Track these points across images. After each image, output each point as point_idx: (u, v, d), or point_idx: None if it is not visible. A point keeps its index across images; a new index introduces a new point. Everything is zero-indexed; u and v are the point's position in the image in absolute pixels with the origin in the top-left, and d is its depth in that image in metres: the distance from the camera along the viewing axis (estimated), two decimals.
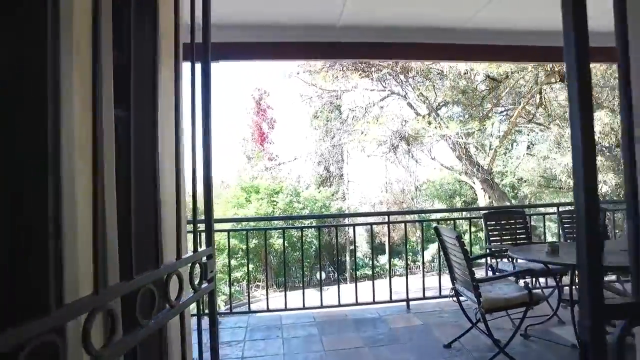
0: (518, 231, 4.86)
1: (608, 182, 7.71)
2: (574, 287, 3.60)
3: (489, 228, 4.82)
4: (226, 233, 6.64)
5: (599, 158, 8.09)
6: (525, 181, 21.02)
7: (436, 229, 3.82)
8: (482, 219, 5.09)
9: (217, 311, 5.03)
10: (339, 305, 5.20)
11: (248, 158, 26.76)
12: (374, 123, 9.13)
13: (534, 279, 4.48)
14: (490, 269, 4.49)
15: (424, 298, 5.35)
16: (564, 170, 8.33)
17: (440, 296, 5.33)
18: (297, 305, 5.19)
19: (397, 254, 27.23)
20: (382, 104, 11.25)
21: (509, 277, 4.23)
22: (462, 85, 11.17)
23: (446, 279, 5.60)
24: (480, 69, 9.13)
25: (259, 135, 32.09)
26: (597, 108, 8.30)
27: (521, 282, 4.16)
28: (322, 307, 5.16)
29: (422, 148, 15.98)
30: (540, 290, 4.66)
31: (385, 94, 11.88)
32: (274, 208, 20.60)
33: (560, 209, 5.28)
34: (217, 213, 22.59)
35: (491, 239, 4.77)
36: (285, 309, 5.20)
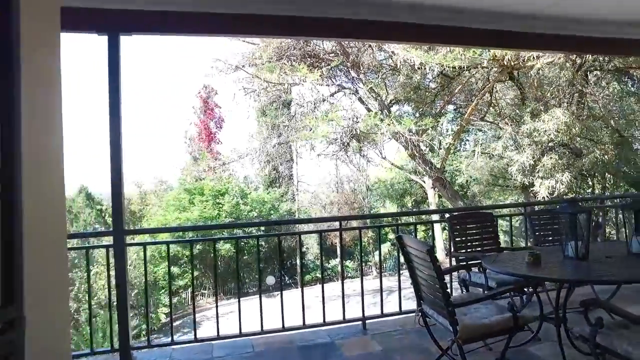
0: (485, 236, 4.30)
1: (564, 180, 7.48)
2: (560, 302, 3.02)
3: (455, 233, 4.21)
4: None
5: (553, 156, 7.87)
6: (474, 180, 21.30)
7: (399, 238, 3.12)
8: (446, 223, 4.48)
9: (131, 345, 4.02)
10: (283, 330, 4.39)
11: (194, 158, 25.28)
12: (324, 120, 8.43)
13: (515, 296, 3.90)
14: (462, 284, 3.86)
15: (383, 315, 4.66)
16: (520, 169, 8.03)
17: (401, 312, 4.67)
18: (233, 331, 4.31)
19: (349, 254, 26.86)
20: (332, 100, 10.57)
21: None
22: (415, 80, 10.73)
23: (408, 292, 4.95)
24: (434, 62, 8.67)
25: (206, 135, 30.63)
26: (554, 105, 8.13)
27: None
28: (262, 332, 4.32)
29: (374, 147, 15.52)
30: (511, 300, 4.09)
31: (335, 89, 11.22)
32: (219, 211, 19.41)
33: (527, 208, 4.80)
34: (157, 217, 21.02)
35: (458, 245, 4.16)
36: (218, 337, 4.30)
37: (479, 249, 4.21)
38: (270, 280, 20.65)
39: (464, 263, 4.03)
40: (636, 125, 10.13)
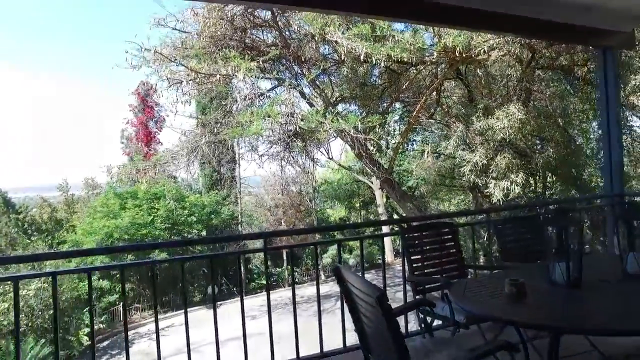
0: (445, 252, 3.52)
1: (519, 181, 7.02)
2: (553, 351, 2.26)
3: (410, 250, 3.38)
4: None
5: (506, 155, 7.39)
6: (422, 180, 21.08)
7: (337, 271, 2.23)
8: (396, 235, 3.66)
9: None
10: None
11: (131, 159, 23.26)
12: (258, 115, 7.45)
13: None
14: (422, 323, 3.04)
15: (323, 356, 3.76)
16: (473, 169, 7.49)
17: (345, 350, 3.80)
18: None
19: (297, 258, 25.94)
20: (272, 95, 9.59)
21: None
22: (361, 73, 10.00)
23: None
24: (381, 55, 7.95)
25: (145, 135, 28.50)
26: (506, 101, 7.68)
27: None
28: None
29: (319, 146, 14.71)
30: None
31: (274, 83, 10.24)
32: (154, 216, 17.78)
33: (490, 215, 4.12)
34: (83, 225, 18.96)
35: (414, 265, 3.34)
36: None
37: (439, 267, 3.42)
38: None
39: (421, 295, 3.22)
40: (576, 124, 10.06)
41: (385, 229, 8.61)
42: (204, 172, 22.55)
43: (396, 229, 4.95)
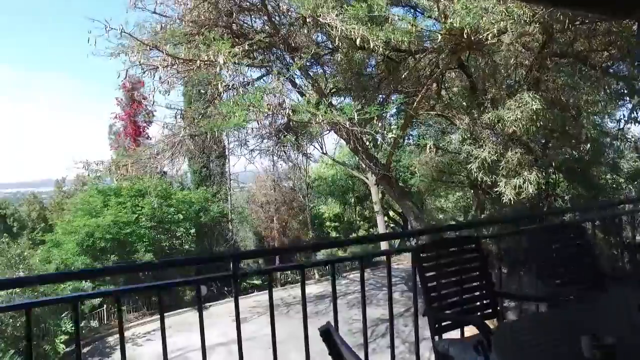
0: (469, 275, 2.75)
1: (532, 179, 6.27)
2: None
3: (426, 275, 2.61)
4: None
5: (518, 151, 6.63)
6: (420, 176, 20.34)
7: (327, 335, 1.47)
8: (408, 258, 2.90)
9: None
10: None
11: (117, 155, 22.29)
12: (247, 106, 6.64)
13: None
14: None
15: None
16: (481, 166, 6.73)
17: None
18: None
19: (289, 259, 25.13)
20: (259, 84, 8.74)
21: None
22: (357, 60, 9.20)
23: None
24: (379, 40, 7.16)
25: (133, 130, 27.54)
26: (514, 92, 6.92)
27: None
28: None
29: (312, 141, 13.95)
30: None
31: (263, 71, 9.42)
32: (139, 214, 16.90)
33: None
34: (63, 225, 18.00)
35: (431, 296, 2.57)
36: None
37: (463, 296, 2.65)
38: (203, 290, 18.47)
39: (438, 338, 2.46)
40: (592, 118, 9.33)
41: (383, 245, 7.80)
42: (193, 168, 21.67)
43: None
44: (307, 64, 10.53)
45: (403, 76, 10.49)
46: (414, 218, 12.15)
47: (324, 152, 24.46)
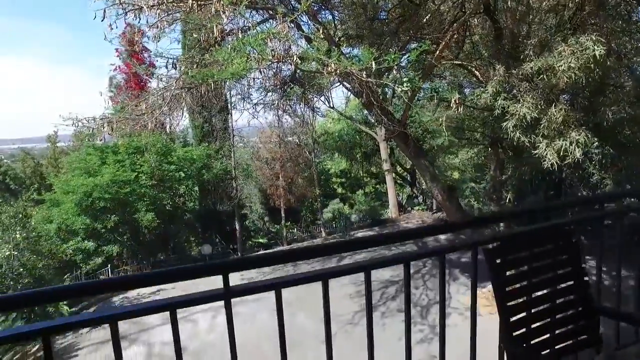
0: (560, 286, 1.95)
1: (582, 141, 5.34)
2: None
3: (507, 291, 1.81)
4: None
5: (563, 107, 5.65)
6: (431, 133, 19.33)
7: None
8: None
9: None
10: None
11: (115, 111, 21.24)
12: (247, 52, 5.66)
13: None
14: None
15: None
16: (518, 124, 5.78)
17: None
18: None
19: (294, 213, 24.67)
20: (263, 29, 7.62)
21: None
22: (370, 2, 8.03)
23: None
24: None
25: (135, 83, 26.35)
26: (577, 31, 5.84)
27: None
28: None
29: (320, 94, 12.91)
30: None
31: (266, 15, 8.28)
32: (138, 172, 16.17)
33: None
34: (59, 184, 17.34)
35: (513, 319, 1.78)
36: None
37: (559, 319, 1.86)
38: (207, 249, 18.11)
39: None
40: None
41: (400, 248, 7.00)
42: (194, 123, 20.69)
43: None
44: (315, 7, 9.35)
45: (424, 20, 9.30)
46: (430, 178, 11.32)
47: (331, 106, 23.34)
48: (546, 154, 5.58)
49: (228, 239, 20.62)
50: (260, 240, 20.42)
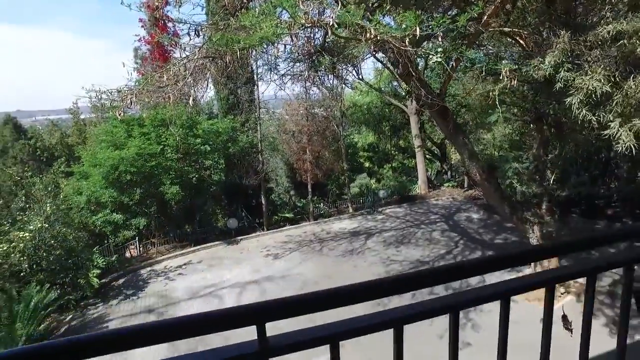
0: None
1: None
2: None
3: None
4: None
5: None
6: (465, 107, 18.26)
7: None
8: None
9: None
10: None
11: (138, 83, 20.95)
12: (277, 16, 5.04)
13: None
14: None
15: None
16: (584, 100, 4.98)
17: None
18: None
19: (321, 187, 24.20)
20: None
21: None
22: None
23: None
24: None
25: (159, 54, 25.98)
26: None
27: None
28: None
29: (352, 64, 12.15)
30: None
31: None
32: (164, 145, 15.93)
33: None
34: (86, 157, 17.33)
35: None
36: None
37: None
38: (232, 223, 17.95)
39: None
40: None
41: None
42: (219, 95, 20.22)
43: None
44: None
45: None
46: (468, 156, 10.57)
47: (360, 77, 22.41)
48: (619, 135, 4.80)
49: (254, 212, 20.42)
50: (286, 215, 20.11)
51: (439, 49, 8.71)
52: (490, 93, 6.63)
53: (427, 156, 28.30)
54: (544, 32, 8.02)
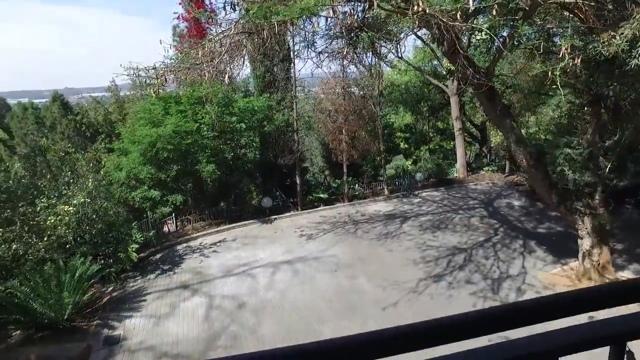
0: None
1: None
2: None
3: None
4: None
5: None
6: (511, 87, 17.26)
7: None
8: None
9: None
10: None
11: (174, 60, 21.05)
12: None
13: None
14: None
15: None
16: None
17: None
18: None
19: (357, 167, 23.81)
20: None
21: None
22: None
23: None
24: None
25: (197, 31, 26.04)
26: None
27: None
28: None
29: (392, 42, 11.54)
30: None
31: None
32: (200, 123, 15.98)
33: None
34: (125, 134, 17.65)
35: None
36: None
37: None
38: (267, 202, 17.97)
39: None
40: None
41: None
42: (256, 73, 20.02)
43: None
44: None
45: None
46: (515, 141, 9.93)
47: (400, 55, 21.57)
48: None
49: (288, 192, 20.39)
50: (321, 195, 19.94)
51: (485, 26, 8.07)
52: (549, 73, 6.04)
53: (466, 139, 27.26)
54: (609, 3, 7.26)
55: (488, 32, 6.24)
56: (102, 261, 12.68)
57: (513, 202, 18.17)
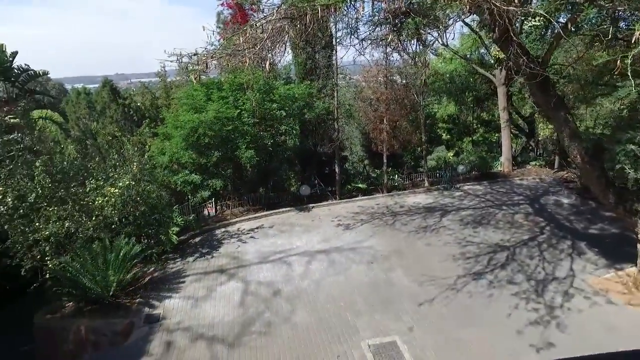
0: None
1: None
2: None
3: None
4: None
5: None
6: (565, 77, 16.22)
7: None
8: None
9: None
10: None
11: (217, 46, 21.25)
12: None
13: None
14: None
15: None
16: None
17: None
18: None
19: (397, 157, 23.37)
20: None
21: None
22: None
23: None
24: None
25: (241, 17, 26.23)
26: None
27: None
28: None
29: (440, 29, 11.06)
30: None
31: None
32: (241, 110, 16.09)
33: None
34: (168, 119, 18.04)
35: None
36: None
37: None
38: (305, 190, 17.94)
39: None
40: None
41: None
42: (297, 60, 19.91)
43: None
44: None
45: None
46: (568, 135, 9.29)
47: (445, 43, 20.72)
48: None
49: (326, 180, 20.30)
50: (359, 185, 19.72)
51: (542, 10, 7.51)
52: (618, 61, 5.52)
53: (512, 131, 26.09)
54: None
55: (547, 16, 5.78)
56: (145, 242, 13.13)
57: (562, 199, 17.22)
